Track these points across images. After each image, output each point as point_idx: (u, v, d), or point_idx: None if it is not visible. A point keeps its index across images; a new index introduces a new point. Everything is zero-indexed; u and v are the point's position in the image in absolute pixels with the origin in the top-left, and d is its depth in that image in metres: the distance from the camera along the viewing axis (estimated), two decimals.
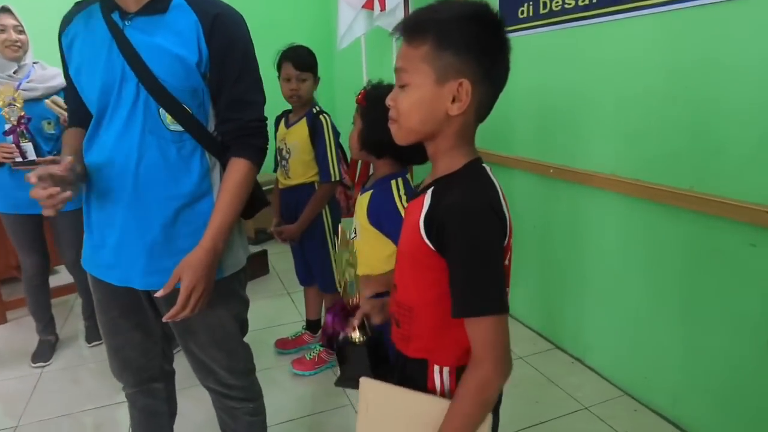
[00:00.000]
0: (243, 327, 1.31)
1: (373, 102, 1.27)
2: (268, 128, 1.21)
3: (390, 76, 0.88)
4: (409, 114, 0.80)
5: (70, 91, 1.20)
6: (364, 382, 0.90)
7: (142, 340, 1.28)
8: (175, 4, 1.09)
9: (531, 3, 2.13)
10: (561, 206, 2.17)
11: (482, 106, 0.80)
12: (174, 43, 1.07)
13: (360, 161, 2.77)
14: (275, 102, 2.11)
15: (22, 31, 2.10)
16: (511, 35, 0.81)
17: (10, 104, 2.03)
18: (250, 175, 1.15)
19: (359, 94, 1.35)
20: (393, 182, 1.32)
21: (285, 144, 2.06)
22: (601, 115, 1.91)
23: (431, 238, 0.79)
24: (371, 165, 2.81)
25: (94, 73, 1.09)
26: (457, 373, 0.84)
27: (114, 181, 1.12)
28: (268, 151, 1.21)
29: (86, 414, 1.98)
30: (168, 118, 1.10)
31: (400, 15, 2.72)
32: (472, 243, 0.75)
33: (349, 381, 0.99)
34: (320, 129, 1.98)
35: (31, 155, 2.09)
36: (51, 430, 1.89)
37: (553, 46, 2.08)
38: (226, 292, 1.21)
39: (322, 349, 2.19)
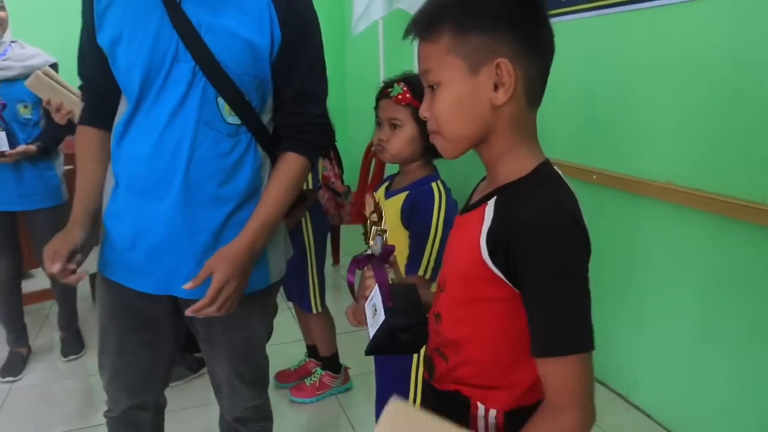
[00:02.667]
0: (269, 338, 1.35)
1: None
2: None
3: (409, 65, 0.81)
4: (450, 119, 0.74)
5: (89, 61, 1.12)
6: (394, 402, 0.79)
7: (148, 362, 1.23)
8: None
9: None
10: (605, 218, 2.09)
11: (532, 86, 0.73)
12: (243, 24, 1.03)
13: (373, 162, 2.70)
14: None
15: (2, 7, 2.08)
16: (552, 20, 0.76)
17: None
18: (304, 173, 1.15)
19: (402, 91, 1.29)
20: (434, 185, 1.32)
21: None
22: (655, 113, 1.83)
23: (497, 261, 0.71)
24: (386, 166, 2.72)
25: (139, 48, 1.03)
26: (506, 418, 0.78)
27: (159, 175, 1.06)
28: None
29: None
30: (226, 109, 1.06)
31: None
32: (558, 267, 0.68)
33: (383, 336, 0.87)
34: None
35: (3, 146, 2.09)
36: None
37: (600, 34, 2.01)
38: (263, 302, 1.21)
39: (323, 373, 2.11)
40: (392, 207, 1.34)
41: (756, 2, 1.49)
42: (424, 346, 0.91)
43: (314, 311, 2.02)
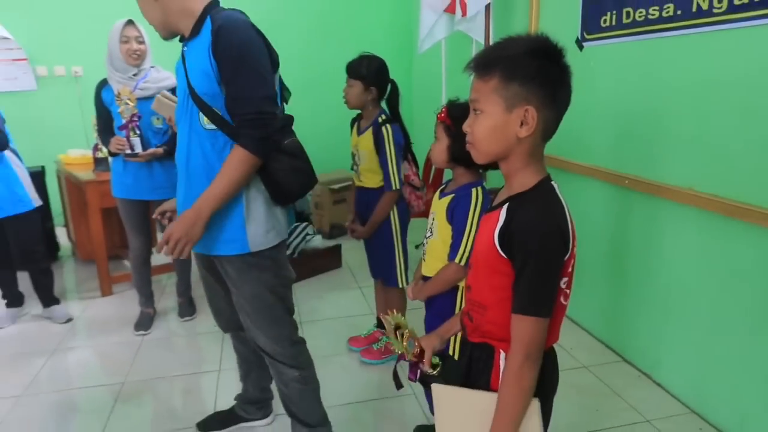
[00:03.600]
0: (283, 300, 1.61)
1: (457, 119, 1.44)
2: (274, 120, 1.43)
3: (466, 78, 1.02)
4: (483, 139, 0.98)
5: None
6: (436, 387, 1.11)
7: (225, 293, 1.67)
8: (206, 25, 1.42)
9: (615, 12, 2.24)
10: (635, 217, 2.27)
11: (548, 128, 0.97)
12: (200, 58, 1.41)
13: (434, 166, 2.99)
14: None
15: (142, 42, 2.53)
16: (592, 44, 0.98)
17: (126, 103, 2.47)
18: (244, 161, 1.39)
19: (441, 111, 1.53)
20: (474, 191, 1.54)
21: (357, 150, 2.31)
22: (680, 127, 2.00)
23: (505, 249, 0.95)
24: (445, 170, 3.00)
25: (179, 92, 1.54)
26: None
27: (180, 167, 1.55)
28: (273, 139, 1.44)
29: (178, 378, 2.38)
30: (204, 120, 1.44)
31: (480, 22, 2.91)
32: (537, 258, 0.93)
33: None
34: (382, 140, 2.19)
35: (138, 148, 2.54)
36: (150, 389, 2.30)
37: (634, 56, 2.18)
38: (256, 266, 1.54)
39: (388, 340, 2.43)
40: (442, 206, 1.59)
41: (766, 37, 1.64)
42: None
43: (400, 285, 2.31)
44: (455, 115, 1.49)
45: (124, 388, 2.29)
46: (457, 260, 1.55)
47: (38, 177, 3.57)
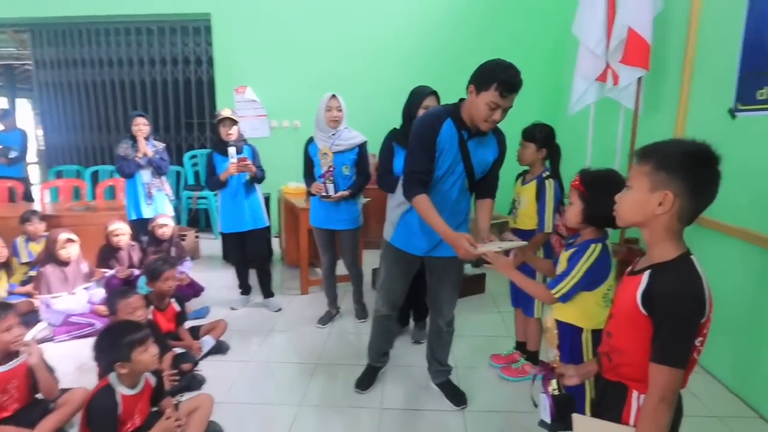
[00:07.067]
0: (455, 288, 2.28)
1: (590, 185, 1.48)
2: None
3: (612, 144, 1.15)
4: (625, 209, 1.09)
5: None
6: (576, 417, 1.17)
7: (406, 286, 2.31)
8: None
9: None
10: None
11: (684, 213, 1.03)
12: (486, 153, 2.02)
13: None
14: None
15: (340, 110, 2.94)
16: (746, 114, 1.09)
17: (324, 154, 2.91)
18: (493, 208, 2.15)
19: (575, 179, 1.52)
20: (592, 246, 1.53)
21: (519, 197, 2.47)
22: None
23: (646, 308, 1.03)
24: None
25: (451, 161, 1.99)
26: None
27: (444, 209, 1.98)
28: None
29: (353, 367, 2.70)
30: (466, 183, 2.04)
31: (632, 91, 2.87)
32: (676, 319, 0.99)
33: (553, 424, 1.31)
34: (543, 192, 2.32)
35: (331, 192, 2.94)
36: (336, 369, 2.69)
37: None
38: (460, 264, 2.21)
39: (525, 363, 2.52)
40: (565, 257, 1.61)
41: None
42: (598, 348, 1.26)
43: (536, 315, 2.42)
44: (588, 181, 1.49)
45: (317, 369, 2.68)
46: (553, 291, 1.55)
47: (266, 201, 4.31)
